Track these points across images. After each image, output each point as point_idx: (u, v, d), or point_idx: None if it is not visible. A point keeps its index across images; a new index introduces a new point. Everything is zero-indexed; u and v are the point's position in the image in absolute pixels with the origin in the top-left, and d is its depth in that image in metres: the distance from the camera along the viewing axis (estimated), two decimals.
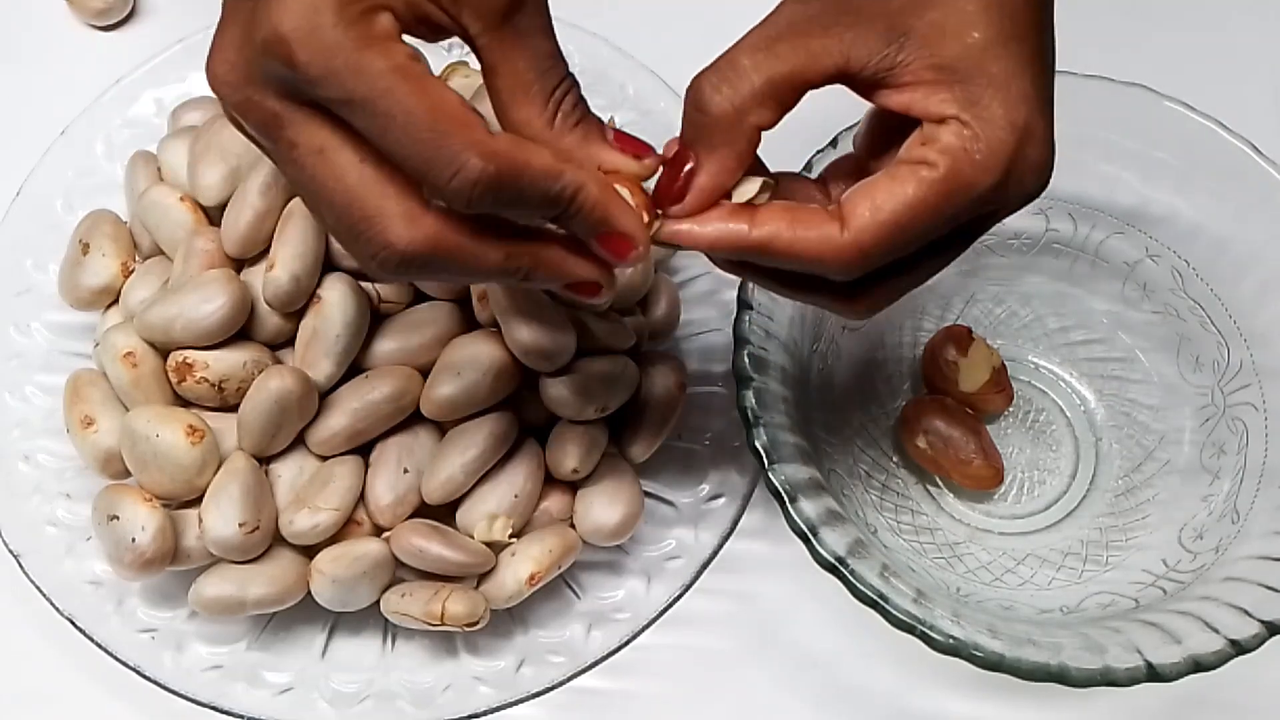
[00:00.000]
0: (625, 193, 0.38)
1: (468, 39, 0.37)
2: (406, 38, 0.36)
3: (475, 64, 0.66)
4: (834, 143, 0.53)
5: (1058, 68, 0.56)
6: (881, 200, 0.37)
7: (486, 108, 0.62)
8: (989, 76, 0.36)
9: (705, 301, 0.62)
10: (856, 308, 0.40)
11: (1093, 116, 0.56)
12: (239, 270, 0.55)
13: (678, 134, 0.39)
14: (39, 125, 0.63)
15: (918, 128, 0.37)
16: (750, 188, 0.39)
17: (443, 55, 0.66)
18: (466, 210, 0.35)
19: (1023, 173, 0.37)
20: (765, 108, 0.37)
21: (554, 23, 0.37)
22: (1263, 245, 0.55)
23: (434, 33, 0.37)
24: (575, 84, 0.38)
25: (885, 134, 0.40)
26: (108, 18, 0.70)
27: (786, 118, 0.38)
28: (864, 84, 0.38)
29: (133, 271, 0.58)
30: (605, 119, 0.63)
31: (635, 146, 0.38)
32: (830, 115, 0.45)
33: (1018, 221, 0.59)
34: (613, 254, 0.37)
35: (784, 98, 0.37)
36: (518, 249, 0.37)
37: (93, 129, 0.63)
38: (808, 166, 0.52)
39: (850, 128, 0.48)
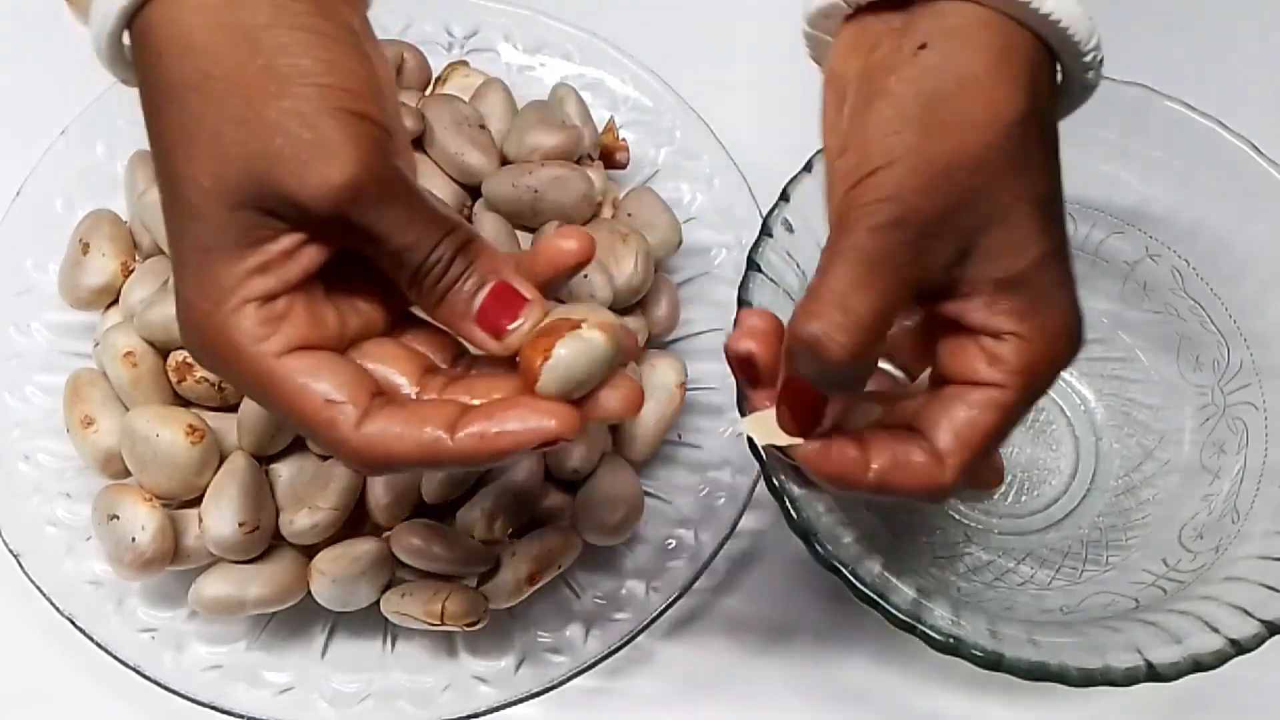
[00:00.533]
0: (514, 421, 0.36)
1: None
2: None
3: (475, 63, 0.66)
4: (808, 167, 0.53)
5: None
6: (969, 436, 0.38)
7: (487, 106, 0.62)
8: (1043, 287, 0.38)
9: (705, 301, 0.62)
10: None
11: (1093, 116, 0.56)
12: None
13: (746, 324, 0.39)
14: (39, 125, 0.63)
15: (965, 333, 0.38)
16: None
17: (443, 55, 0.66)
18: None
19: (1071, 360, 0.39)
20: (880, 342, 0.37)
21: (553, 27, 0.38)
22: (1263, 245, 0.55)
23: (313, 252, 0.37)
24: (443, 255, 0.37)
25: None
26: None
27: (782, 118, 0.38)
28: (924, 298, 0.38)
29: (133, 271, 0.58)
30: (605, 119, 0.64)
31: (505, 312, 0.38)
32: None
33: None
34: (556, 447, 0.37)
35: (889, 328, 0.37)
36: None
37: (93, 128, 0.63)
38: (808, 166, 0.52)
39: None
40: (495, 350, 0.38)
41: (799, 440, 0.38)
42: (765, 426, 0.39)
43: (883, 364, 0.44)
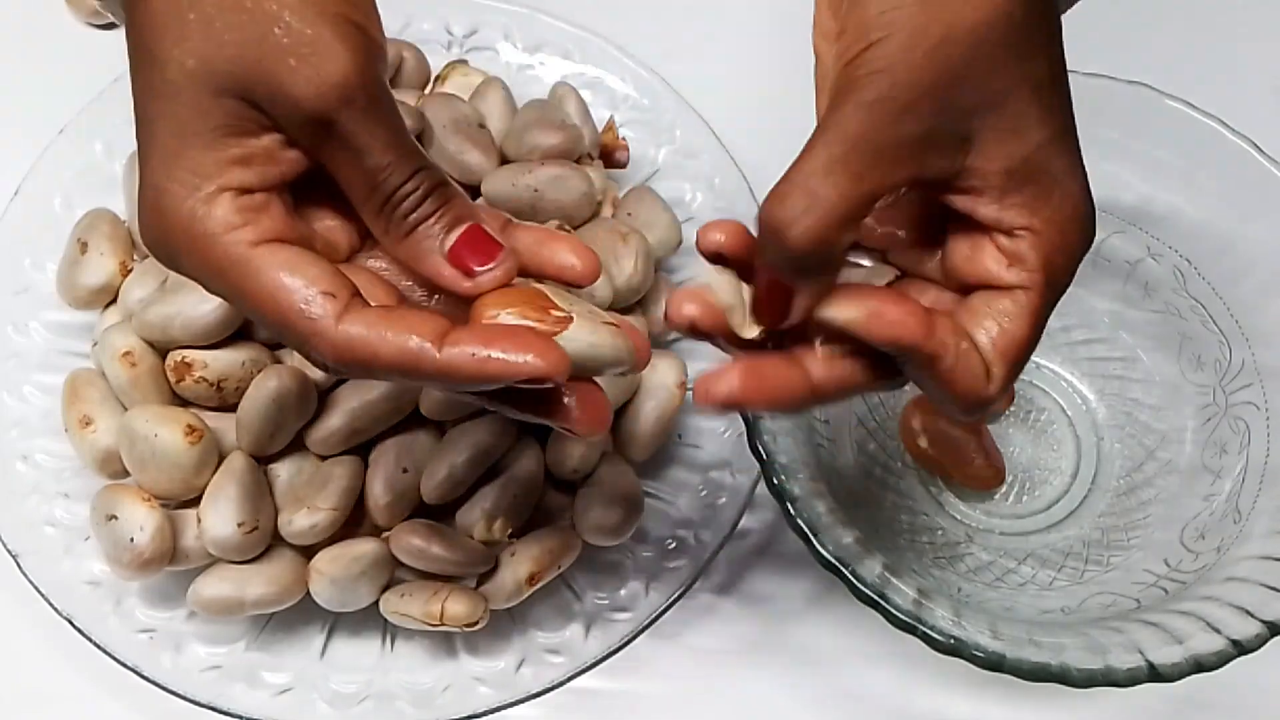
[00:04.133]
0: (494, 311, 0.36)
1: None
2: None
3: (474, 62, 0.66)
4: None
5: None
6: (1006, 346, 0.38)
7: (486, 105, 0.62)
8: (1053, 175, 0.37)
9: None
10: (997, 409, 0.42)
11: (1094, 115, 0.56)
12: None
13: (715, 219, 0.38)
14: (37, 124, 0.63)
15: (976, 230, 0.38)
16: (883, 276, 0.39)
17: (442, 54, 0.66)
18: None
19: (1088, 249, 0.39)
20: (850, 230, 0.35)
21: (553, 26, 0.37)
22: (1264, 244, 0.55)
23: (292, 156, 0.37)
24: (418, 186, 0.37)
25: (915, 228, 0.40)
26: (106, 17, 0.70)
27: (783, 117, 0.38)
28: (929, 186, 0.37)
29: (131, 270, 0.58)
30: (605, 119, 0.64)
31: (476, 255, 0.37)
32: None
33: None
34: (538, 386, 0.36)
35: (865, 214, 0.36)
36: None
37: (91, 128, 0.63)
38: None
39: None
40: (462, 289, 0.37)
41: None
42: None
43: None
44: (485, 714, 0.53)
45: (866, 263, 0.41)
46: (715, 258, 0.38)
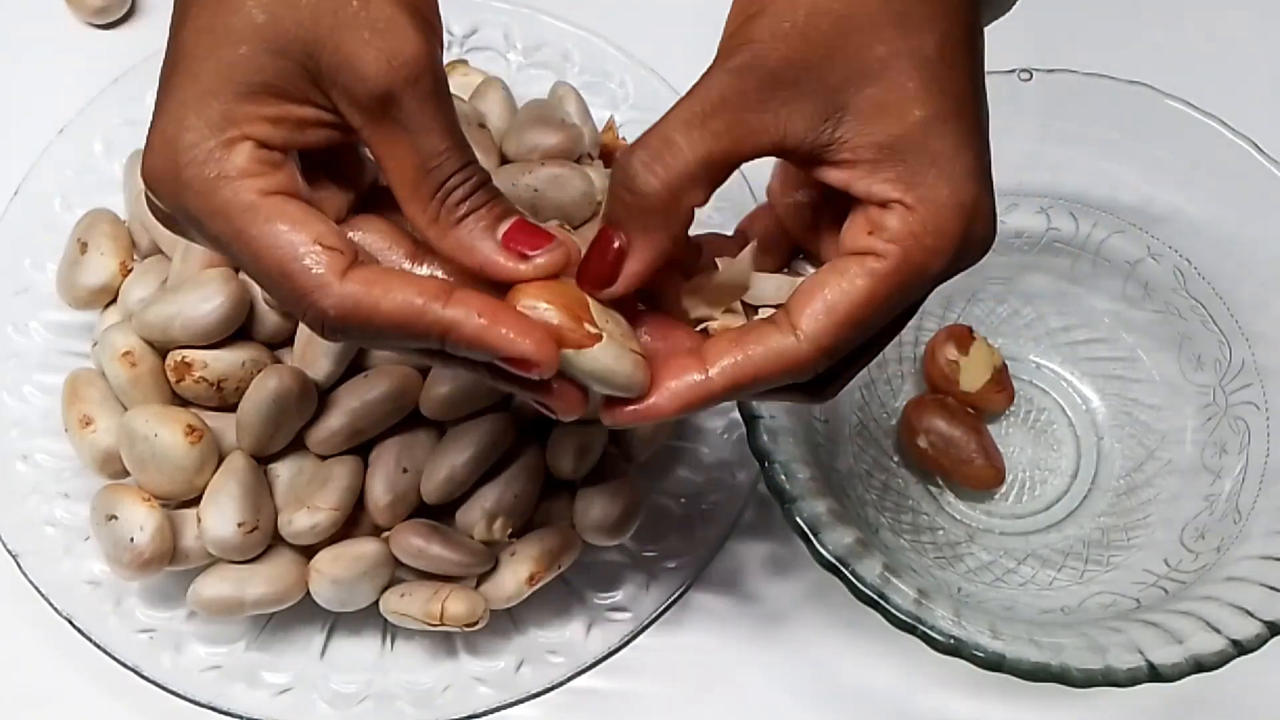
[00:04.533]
0: (532, 302, 0.36)
1: (352, 132, 0.37)
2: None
3: (475, 62, 0.66)
4: None
5: (1059, 66, 0.56)
6: (835, 300, 0.36)
7: (486, 105, 0.62)
8: (932, 155, 0.35)
9: None
10: (820, 398, 0.40)
11: (1094, 115, 0.56)
12: (237, 270, 0.55)
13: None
14: (37, 124, 0.63)
15: (857, 207, 0.37)
16: (772, 286, 0.39)
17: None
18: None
19: (971, 248, 0.37)
20: (699, 187, 0.36)
21: (553, 26, 0.37)
22: (1264, 244, 0.55)
23: (320, 133, 0.37)
24: (470, 177, 0.37)
25: (815, 203, 0.40)
26: (106, 16, 0.70)
27: None
28: (800, 158, 0.36)
29: (131, 270, 0.58)
30: (605, 118, 0.64)
31: (528, 242, 0.37)
32: None
33: (1019, 221, 0.59)
34: (522, 373, 0.36)
35: (717, 176, 0.36)
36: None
37: (91, 128, 0.63)
38: None
39: None
40: (519, 272, 0.36)
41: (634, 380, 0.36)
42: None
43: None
44: (485, 714, 0.53)
45: (811, 269, 0.40)
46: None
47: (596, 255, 0.37)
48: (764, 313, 0.39)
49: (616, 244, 0.36)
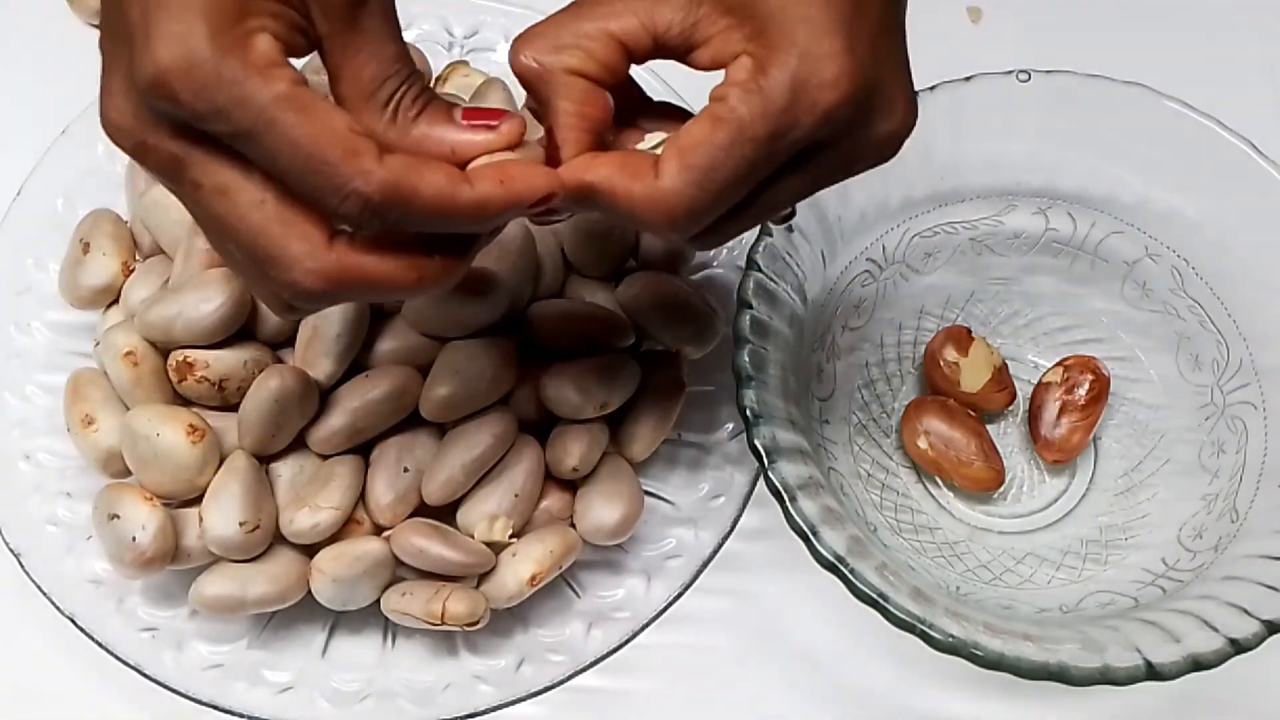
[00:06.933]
0: (500, 156, 0.38)
1: (316, 41, 0.37)
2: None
3: (475, 63, 0.66)
4: None
5: (1058, 67, 0.56)
6: (686, 145, 0.37)
7: (486, 105, 0.62)
8: (772, 8, 0.36)
9: None
10: (702, 242, 0.41)
11: (1092, 115, 0.56)
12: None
13: None
14: (40, 124, 0.63)
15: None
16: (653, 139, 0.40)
17: (442, 55, 0.66)
18: (362, 232, 0.36)
19: (814, 91, 0.36)
20: (569, 54, 0.39)
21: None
22: (1262, 244, 0.55)
23: (295, 39, 0.37)
24: (418, 80, 0.38)
25: None
26: None
27: None
28: (678, 50, 0.39)
29: (133, 271, 0.58)
30: None
31: (485, 116, 0.39)
32: None
33: (1017, 221, 0.59)
34: (545, 215, 0.39)
35: (591, 48, 0.39)
36: (429, 266, 0.38)
37: (94, 128, 0.62)
38: None
39: None
40: (488, 141, 0.38)
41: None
42: None
43: None
44: (486, 712, 0.54)
45: None
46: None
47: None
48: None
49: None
